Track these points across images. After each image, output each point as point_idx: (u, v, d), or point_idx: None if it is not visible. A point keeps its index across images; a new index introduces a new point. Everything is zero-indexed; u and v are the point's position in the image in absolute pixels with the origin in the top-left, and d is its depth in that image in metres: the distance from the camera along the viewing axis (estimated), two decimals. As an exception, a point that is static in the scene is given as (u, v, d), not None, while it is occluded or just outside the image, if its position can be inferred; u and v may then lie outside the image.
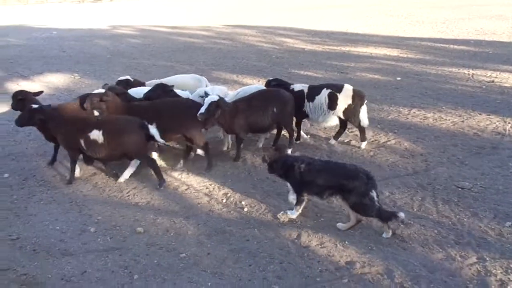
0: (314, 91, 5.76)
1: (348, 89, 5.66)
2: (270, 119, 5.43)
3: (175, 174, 5.24)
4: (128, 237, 4.01)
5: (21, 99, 5.32)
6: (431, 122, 6.72)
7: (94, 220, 4.29)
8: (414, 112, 7.18)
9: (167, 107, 5.17)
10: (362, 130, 5.84)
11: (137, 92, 5.75)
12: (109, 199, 4.71)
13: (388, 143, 6.00)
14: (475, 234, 3.86)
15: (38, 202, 4.65)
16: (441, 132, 6.28)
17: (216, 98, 4.98)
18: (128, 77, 6.45)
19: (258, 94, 5.59)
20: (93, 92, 5.23)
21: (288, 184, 4.16)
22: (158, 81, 6.23)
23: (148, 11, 25.40)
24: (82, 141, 4.70)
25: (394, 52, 12.23)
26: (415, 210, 4.31)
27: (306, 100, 5.78)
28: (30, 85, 9.16)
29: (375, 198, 3.72)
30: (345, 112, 5.65)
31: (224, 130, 5.72)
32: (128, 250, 3.82)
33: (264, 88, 6.05)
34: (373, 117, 7.00)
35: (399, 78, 9.42)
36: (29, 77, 10.00)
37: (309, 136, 6.34)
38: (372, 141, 6.09)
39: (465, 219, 4.10)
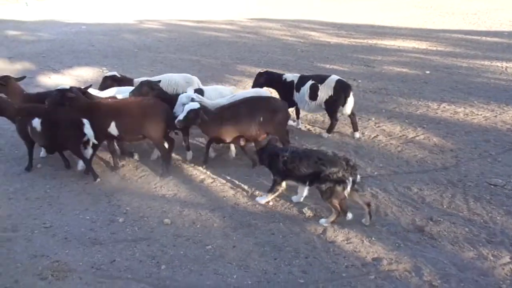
0: (302, 81, 5.99)
1: (331, 80, 5.80)
2: (256, 128, 5.01)
3: (201, 167, 5.28)
4: (155, 228, 4.08)
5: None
6: (461, 117, 6.52)
7: (122, 211, 4.38)
8: (444, 107, 6.98)
9: (126, 107, 5.03)
10: (333, 123, 6.02)
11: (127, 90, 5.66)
12: (137, 191, 4.80)
13: (417, 138, 5.87)
14: (509, 233, 3.73)
15: (70, 192, 4.78)
16: (472, 128, 6.09)
17: (196, 106, 4.73)
18: (115, 73, 6.39)
19: (245, 101, 5.12)
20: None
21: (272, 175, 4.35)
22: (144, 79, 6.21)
23: (174, 6, 25.61)
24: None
25: (423, 45, 11.90)
26: (444, 207, 4.21)
27: (294, 90, 6.04)
28: (60, 79, 9.42)
29: (349, 186, 3.82)
30: (326, 102, 5.82)
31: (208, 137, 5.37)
32: (156, 241, 3.89)
33: (256, 94, 5.61)
34: (400, 112, 6.87)
35: (428, 72, 9.17)
36: (59, 71, 10.25)
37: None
38: (400, 136, 5.97)
39: (497, 217, 3.97)
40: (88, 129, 4.78)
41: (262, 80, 6.26)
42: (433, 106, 7.07)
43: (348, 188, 3.83)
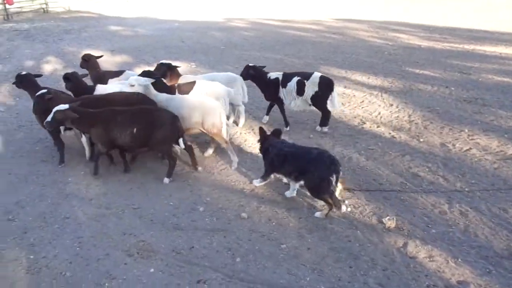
0: (287, 78, 6.22)
1: (315, 76, 6.07)
2: (130, 138, 4.76)
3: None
4: (232, 221, 4.20)
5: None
6: None
7: (203, 200, 4.58)
8: (553, 123, 6.24)
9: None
10: (326, 115, 6.25)
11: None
12: (217, 183, 4.97)
13: (517, 155, 5.32)
14: None
15: (156, 178, 5.10)
16: None
17: (64, 107, 4.67)
18: (170, 62, 6.48)
19: (127, 110, 4.86)
20: None
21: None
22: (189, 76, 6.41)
23: (261, 5, 26.09)
24: None
25: (530, 53, 10.75)
26: (548, 234, 3.76)
27: (280, 87, 6.25)
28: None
29: (334, 182, 3.94)
30: (312, 98, 6.06)
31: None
32: (232, 233, 4.00)
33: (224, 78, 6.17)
34: (499, 125, 6.29)
35: (535, 83, 8.26)
36: (153, 64, 10.97)
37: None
38: (497, 151, 5.45)
39: None
40: None
41: (249, 73, 6.42)
42: (539, 121, 6.35)
43: (333, 183, 3.96)
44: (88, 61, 6.73)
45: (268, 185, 4.84)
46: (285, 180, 4.56)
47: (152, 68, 6.46)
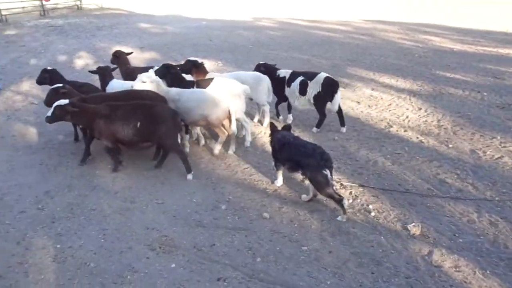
0: (293, 77, 6.31)
1: (320, 77, 6.07)
2: (132, 133, 4.84)
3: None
4: (254, 220, 4.20)
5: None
6: None
7: (225, 199, 4.60)
8: None
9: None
10: (322, 118, 6.30)
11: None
12: (240, 181, 4.98)
13: (553, 165, 5.09)
14: None
15: (180, 174, 5.16)
16: None
17: (64, 102, 4.80)
18: (197, 59, 6.55)
19: (129, 104, 4.95)
20: None
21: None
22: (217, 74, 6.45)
23: (289, 5, 26.01)
24: None
25: None
26: None
27: (286, 85, 6.36)
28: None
29: (329, 175, 4.05)
30: (314, 98, 6.11)
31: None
32: (254, 233, 4.00)
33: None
34: (535, 134, 6.04)
35: None
36: (180, 62, 11.09)
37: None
38: (531, 161, 5.24)
39: None
40: None
41: (260, 70, 6.54)
42: None
43: (329, 177, 4.05)
44: (119, 58, 6.98)
45: (290, 186, 4.81)
46: (306, 181, 4.53)
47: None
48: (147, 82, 5.31)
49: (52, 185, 4.89)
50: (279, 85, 6.45)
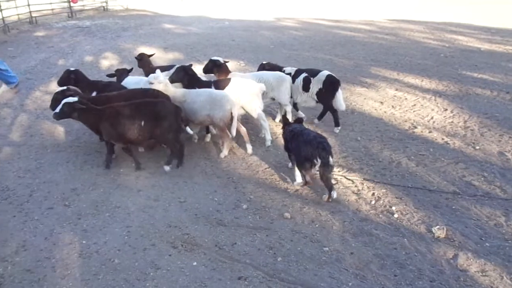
0: (297, 74, 6.43)
1: (322, 74, 6.21)
2: (138, 132, 4.96)
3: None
4: (275, 220, 4.20)
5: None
6: None
7: (247, 198, 4.61)
8: None
9: None
10: (334, 115, 6.34)
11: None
12: (261, 181, 5.00)
13: None
14: None
15: (202, 173, 5.21)
16: None
17: (73, 99, 4.85)
18: (219, 58, 6.63)
19: (132, 103, 5.05)
20: None
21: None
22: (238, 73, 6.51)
23: (312, 4, 25.88)
24: None
25: None
26: None
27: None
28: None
29: (317, 165, 4.24)
30: (317, 95, 6.21)
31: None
32: (274, 232, 4.00)
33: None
34: None
35: None
36: (203, 62, 11.16)
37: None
38: None
39: None
40: None
41: (264, 68, 6.80)
42: None
43: (316, 167, 4.26)
44: (141, 60, 7.28)
45: (312, 187, 4.79)
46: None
47: (202, 65, 6.64)
48: (155, 83, 5.36)
49: (79, 182, 5.02)
50: None
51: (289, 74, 6.48)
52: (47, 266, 3.60)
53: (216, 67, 6.40)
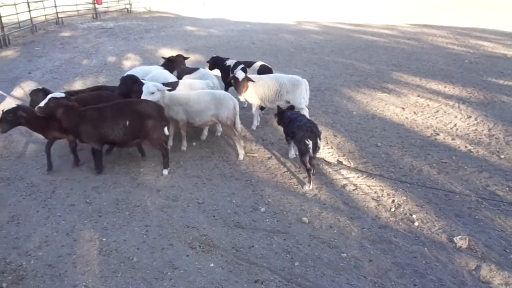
0: (236, 66, 7.10)
1: (256, 64, 7.12)
2: (122, 132, 4.96)
3: (344, 172, 5.20)
4: (293, 224, 4.18)
5: None
6: None
7: (265, 201, 4.61)
8: None
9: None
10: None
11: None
12: (279, 185, 4.98)
13: None
14: None
15: (220, 175, 5.23)
16: None
17: (59, 95, 4.87)
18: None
19: (113, 104, 5.09)
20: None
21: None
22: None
23: (333, 8, 25.76)
24: None
25: None
26: None
27: (230, 73, 6.90)
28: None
29: (310, 146, 4.67)
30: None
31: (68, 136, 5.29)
32: (292, 237, 3.98)
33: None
34: None
35: None
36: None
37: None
38: None
39: None
40: None
41: (211, 62, 7.68)
42: None
43: (310, 150, 4.67)
44: (174, 61, 7.48)
45: (331, 192, 4.76)
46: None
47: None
48: (155, 91, 5.24)
49: (100, 181, 5.11)
50: (226, 73, 7.32)
51: (229, 66, 7.16)
52: (68, 262, 3.67)
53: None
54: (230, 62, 7.38)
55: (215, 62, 7.68)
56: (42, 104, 4.77)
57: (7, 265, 3.62)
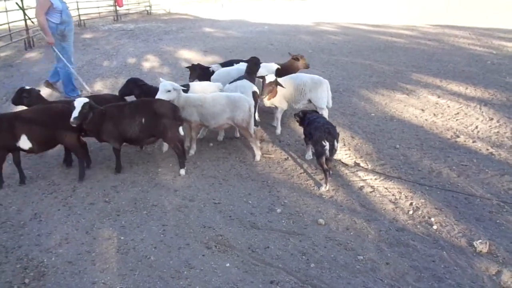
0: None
1: (241, 65, 7.09)
2: (138, 129, 5.04)
3: (361, 174, 5.16)
4: (309, 226, 4.17)
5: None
6: None
7: (281, 202, 4.61)
8: None
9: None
10: None
11: None
12: (296, 186, 4.97)
13: None
14: None
15: (237, 175, 5.26)
16: None
17: (85, 100, 4.84)
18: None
19: (131, 102, 5.31)
20: None
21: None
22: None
23: (352, 9, 25.56)
24: None
25: None
26: None
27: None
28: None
29: (327, 147, 4.70)
30: None
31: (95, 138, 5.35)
32: (308, 238, 3.97)
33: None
34: None
35: None
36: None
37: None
38: None
39: None
40: None
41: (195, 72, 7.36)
42: None
43: (327, 151, 4.70)
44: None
45: (348, 194, 4.72)
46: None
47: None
48: (171, 89, 5.28)
49: (118, 180, 5.20)
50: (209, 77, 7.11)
51: (213, 71, 7.09)
52: (87, 259, 3.75)
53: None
54: (214, 67, 7.39)
55: (200, 71, 7.37)
56: (75, 114, 4.72)
57: (29, 261, 3.72)
